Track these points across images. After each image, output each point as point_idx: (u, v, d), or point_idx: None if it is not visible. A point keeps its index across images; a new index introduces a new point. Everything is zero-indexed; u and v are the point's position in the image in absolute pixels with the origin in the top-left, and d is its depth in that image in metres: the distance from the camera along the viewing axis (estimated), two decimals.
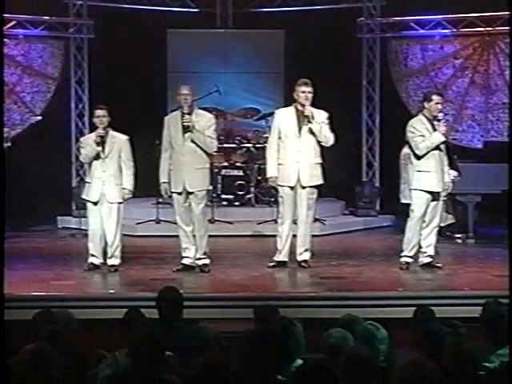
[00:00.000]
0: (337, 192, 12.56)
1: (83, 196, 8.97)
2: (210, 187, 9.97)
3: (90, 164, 8.78)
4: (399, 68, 13.42)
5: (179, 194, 8.66)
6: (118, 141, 8.75)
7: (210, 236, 8.91)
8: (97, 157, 8.68)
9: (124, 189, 8.74)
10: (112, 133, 8.76)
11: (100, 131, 8.67)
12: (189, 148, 8.63)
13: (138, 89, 12.66)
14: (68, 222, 12.11)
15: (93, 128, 9.06)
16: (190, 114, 8.61)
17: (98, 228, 8.78)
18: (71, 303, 7.09)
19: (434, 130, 8.69)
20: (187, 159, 8.63)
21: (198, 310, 7.02)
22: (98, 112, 8.73)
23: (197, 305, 7.08)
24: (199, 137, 8.61)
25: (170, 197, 8.79)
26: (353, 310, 6.29)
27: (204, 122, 8.71)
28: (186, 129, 8.59)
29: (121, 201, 8.78)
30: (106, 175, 8.69)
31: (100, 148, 8.66)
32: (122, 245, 8.91)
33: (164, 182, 8.73)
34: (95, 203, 8.74)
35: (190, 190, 8.63)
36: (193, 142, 8.61)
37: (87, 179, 8.93)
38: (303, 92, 8.70)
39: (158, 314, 5.89)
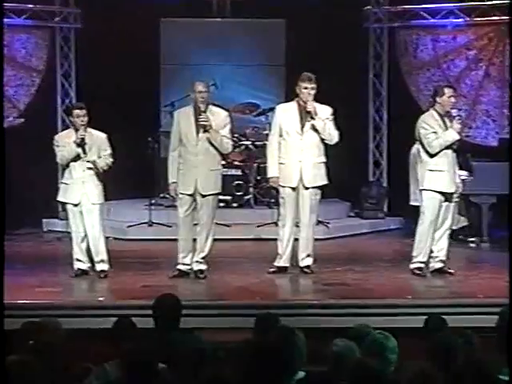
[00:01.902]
0: (342, 193, 12.56)
1: (60, 198, 9.00)
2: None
3: (66, 164, 8.80)
4: (408, 60, 13.40)
5: (189, 195, 8.66)
6: (98, 139, 8.81)
7: None
8: (76, 158, 8.71)
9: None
10: (91, 131, 8.81)
11: (82, 132, 8.70)
12: (203, 148, 8.62)
13: (129, 82, 12.63)
14: (54, 224, 12.10)
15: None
16: (205, 111, 8.60)
17: (81, 231, 8.82)
18: (58, 312, 7.11)
19: (446, 126, 8.68)
20: (200, 159, 8.63)
21: (193, 319, 7.02)
22: (78, 112, 8.75)
23: (192, 313, 7.09)
24: (216, 137, 8.60)
25: (177, 195, 8.76)
26: (358, 319, 6.31)
27: (219, 120, 8.70)
28: (203, 128, 8.58)
29: (102, 202, 8.84)
30: (87, 175, 8.75)
31: (80, 149, 8.70)
32: (108, 248, 8.93)
33: (173, 182, 8.74)
34: (76, 205, 8.77)
35: (203, 193, 8.63)
36: (208, 141, 8.60)
37: (64, 180, 8.93)
38: (306, 88, 8.68)
39: (152, 323, 5.89)
